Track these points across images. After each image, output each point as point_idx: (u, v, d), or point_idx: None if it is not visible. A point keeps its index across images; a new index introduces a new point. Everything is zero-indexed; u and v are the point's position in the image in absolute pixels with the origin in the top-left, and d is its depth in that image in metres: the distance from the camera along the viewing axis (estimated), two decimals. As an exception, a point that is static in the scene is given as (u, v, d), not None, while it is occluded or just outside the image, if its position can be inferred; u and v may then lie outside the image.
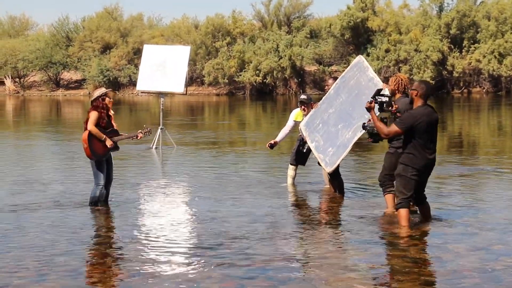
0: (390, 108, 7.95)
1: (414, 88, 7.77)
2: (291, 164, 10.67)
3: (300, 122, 10.34)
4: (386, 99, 8.02)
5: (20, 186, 11.00)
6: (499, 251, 7.03)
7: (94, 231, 8.10)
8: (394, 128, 7.71)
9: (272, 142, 10.62)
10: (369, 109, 7.94)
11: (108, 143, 8.93)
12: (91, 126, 8.87)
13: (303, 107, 10.26)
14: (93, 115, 8.91)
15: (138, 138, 9.36)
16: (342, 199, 9.69)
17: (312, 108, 10.15)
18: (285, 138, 10.87)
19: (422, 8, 48.01)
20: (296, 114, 10.52)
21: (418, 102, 7.70)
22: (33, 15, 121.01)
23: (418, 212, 8.35)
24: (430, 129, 7.68)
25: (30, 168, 13.39)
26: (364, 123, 8.32)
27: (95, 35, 55.10)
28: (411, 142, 7.69)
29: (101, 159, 9.00)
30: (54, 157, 15.61)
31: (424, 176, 7.85)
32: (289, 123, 10.65)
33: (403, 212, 7.80)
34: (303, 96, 10.36)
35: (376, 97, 8.02)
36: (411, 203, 8.71)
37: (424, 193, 8.08)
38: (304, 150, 10.35)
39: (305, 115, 10.23)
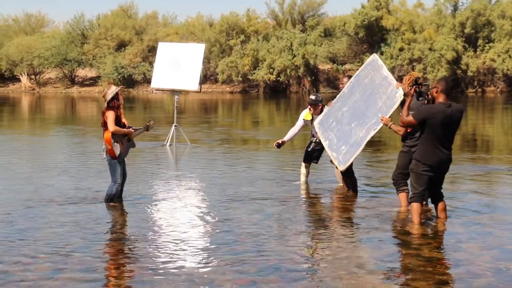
0: (427, 97, 8.07)
1: (434, 85, 7.78)
2: (303, 162, 10.69)
3: (309, 121, 10.37)
4: (425, 89, 8.14)
5: (35, 182, 11.08)
6: (513, 250, 7.02)
7: (109, 227, 8.14)
8: (409, 117, 7.78)
9: (279, 141, 10.61)
10: (407, 95, 8.01)
11: (131, 134, 9.12)
12: (112, 126, 8.89)
13: (310, 107, 10.32)
14: (111, 115, 8.92)
15: (148, 130, 9.57)
16: (355, 198, 9.69)
17: (319, 109, 10.20)
18: (293, 137, 10.86)
19: (437, 7, 47.88)
20: (306, 113, 10.53)
21: (439, 98, 7.69)
22: (49, 12, 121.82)
23: (434, 210, 8.35)
24: (446, 126, 7.65)
25: (45, 164, 13.47)
26: None
27: (110, 32, 55.34)
28: (424, 138, 7.73)
29: (123, 158, 9.09)
30: (69, 153, 15.69)
31: (437, 173, 7.84)
32: (299, 123, 10.64)
33: (415, 206, 7.86)
34: (311, 97, 10.39)
35: (414, 86, 8.11)
36: (425, 203, 8.72)
37: (441, 191, 8.06)
38: (309, 150, 10.39)
39: (313, 114, 10.28)
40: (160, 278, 6.08)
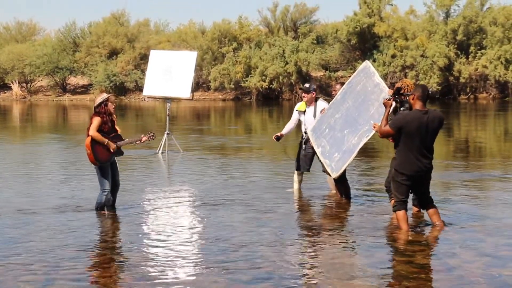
0: (408, 107, 8.02)
1: (411, 92, 7.79)
2: (296, 170, 10.66)
3: (302, 112, 10.37)
4: (406, 98, 8.09)
5: (26, 191, 11.03)
6: (506, 257, 7.00)
7: (100, 236, 8.10)
8: (386, 127, 7.75)
9: (278, 134, 10.60)
10: (385, 105, 7.99)
11: (111, 146, 8.94)
12: (93, 131, 8.85)
13: (303, 94, 10.37)
14: (96, 121, 8.89)
15: (142, 141, 9.36)
16: (348, 205, 9.67)
17: (313, 98, 10.27)
18: (291, 131, 10.81)
19: (429, 14, 48.04)
20: (300, 104, 10.57)
21: (416, 105, 7.67)
22: (40, 20, 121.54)
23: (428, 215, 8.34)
24: (422, 134, 7.60)
25: (36, 172, 13.42)
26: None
27: (102, 40, 55.30)
28: (401, 146, 7.69)
29: (105, 165, 8.99)
30: (60, 161, 15.64)
31: (416, 182, 7.79)
32: (294, 116, 10.63)
33: (400, 214, 7.85)
34: (305, 84, 10.47)
35: (396, 96, 8.08)
36: (419, 209, 8.72)
37: (430, 196, 8.02)
38: (303, 153, 10.37)
39: (307, 103, 10.28)
40: (151, 286, 6.04)
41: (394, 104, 8.11)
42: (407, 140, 7.61)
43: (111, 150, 8.96)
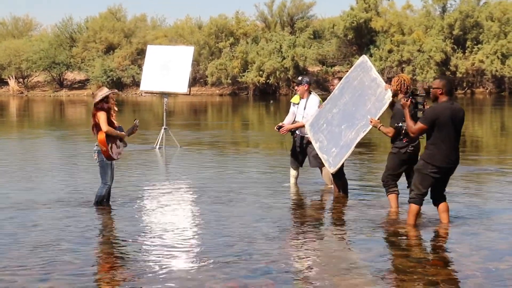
0: (424, 108, 7.95)
1: (436, 86, 7.64)
2: (291, 164, 10.68)
3: (297, 104, 10.38)
4: (421, 99, 8.03)
5: (24, 185, 11.02)
6: (503, 251, 7.02)
7: (98, 231, 8.10)
8: (419, 125, 7.62)
9: (280, 124, 10.60)
10: (404, 106, 7.91)
11: (123, 136, 9.03)
12: (106, 127, 8.79)
13: (296, 87, 10.44)
14: (102, 115, 8.83)
15: (136, 129, 9.43)
16: (346, 199, 9.68)
17: (306, 90, 10.30)
18: (290, 122, 10.82)
19: (425, 9, 48.09)
20: (295, 97, 10.61)
21: (443, 99, 7.60)
22: (36, 15, 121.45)
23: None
24: (453, 125, 7.55)
25: (34, 167, 13.40)
26: (399, 123, 8.31)
27: (99, 35, 55.27)
28: (433, 138, 7.58)
29: (118, 159, 9.02)
30: (58, 156, 15.63)
31: (445, 175, 7.73)
32: (290, 109, 10.66)
33: (414, 208, 7.76)
34: (298, 78, 10.52)
35: (411, 97, 8.03)
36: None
37: (444, 193, 7.98)
38: (298, 150, 10.39)
39: (300, 95, 10.36)
40: (149, 281, 6.04)
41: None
42: (440, 132, 7.50)
43: (121, 142, 9.01)
